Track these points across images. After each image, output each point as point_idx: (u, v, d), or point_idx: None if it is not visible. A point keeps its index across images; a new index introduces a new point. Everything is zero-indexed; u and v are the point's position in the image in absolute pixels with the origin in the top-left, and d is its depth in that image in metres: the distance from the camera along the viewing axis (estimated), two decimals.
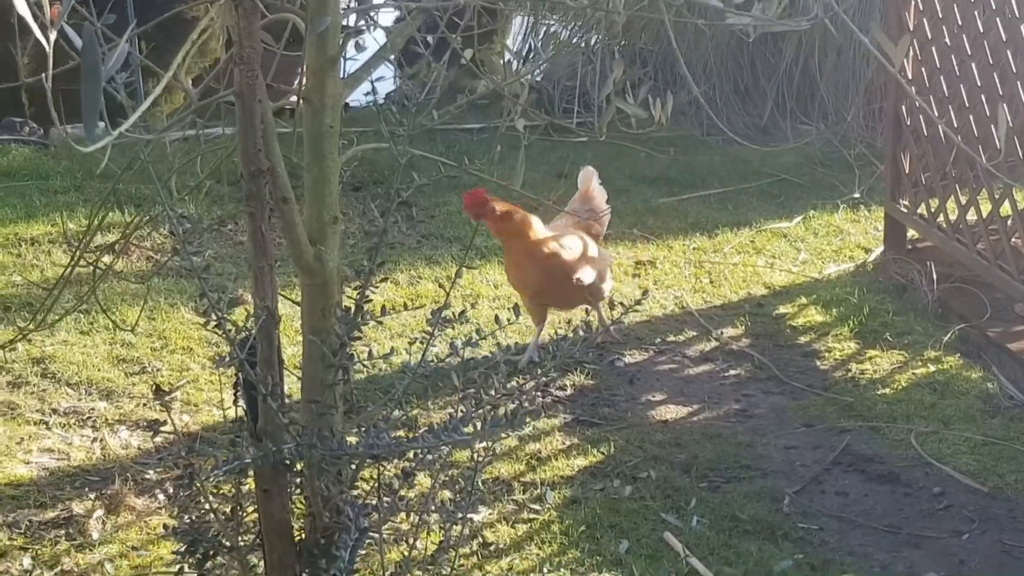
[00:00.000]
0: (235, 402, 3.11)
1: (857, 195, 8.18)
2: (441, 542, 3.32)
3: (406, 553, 3.38)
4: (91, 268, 4.06)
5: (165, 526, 3.22)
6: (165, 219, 3.28)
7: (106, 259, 3.90)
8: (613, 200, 7.89)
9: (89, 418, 5.24)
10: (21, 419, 5.20)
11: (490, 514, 4.58)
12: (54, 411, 5.29)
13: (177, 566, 3.17)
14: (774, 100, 10.00)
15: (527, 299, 5.79)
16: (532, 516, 4.61)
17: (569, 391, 5.61)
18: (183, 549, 3.10)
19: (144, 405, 5.34)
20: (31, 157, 8.33)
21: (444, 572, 3.38)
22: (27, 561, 4.25)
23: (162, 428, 3.08)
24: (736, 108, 9.89)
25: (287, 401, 3.13)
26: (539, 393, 5.34)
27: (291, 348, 5.09)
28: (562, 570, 4.22)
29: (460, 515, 3.28)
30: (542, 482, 4.83)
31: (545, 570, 4.14)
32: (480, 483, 3.47)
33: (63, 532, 4.43)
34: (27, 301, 6.25)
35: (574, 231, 5.93)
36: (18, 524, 4.47)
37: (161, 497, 4.56)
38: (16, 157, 8.28)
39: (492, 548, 4.36)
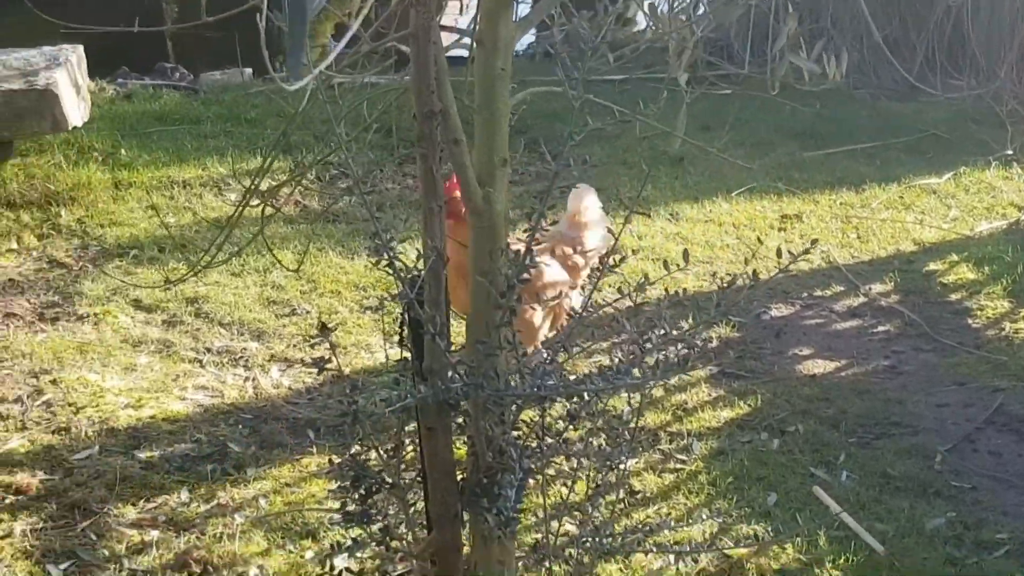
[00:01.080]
0: (400, 343, 3.14)
1: (1010, 152, 8.01)
2: (597, 486, 3.33)
3: (564, 496, 3.40)
4: (255, 210, 4.13)
5: (331, 461, 3.26)
6: (334, 162, 3.31)
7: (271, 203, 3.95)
8: (758, 153, 7.81)
9: (241, 357, 5.34)
10: (176, 357, 5.32)
11: (637, 463, 4.59)
12: (207, 350, 5.40)
13: (339, 501, 3.22)
14: (924, 54, 9.80)
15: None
16: (679, 466, 4.61)
17: (715, 343, 5.58)
18: (348, 484, 3.15)
19: (294, 346, 5.43)
20: (181, 102, 8.49)
21: (596, 517, 3.38)
22: (184, 494, 4.36)
23: (327, 366, 3.12)
24: (884, 61, 9.71)
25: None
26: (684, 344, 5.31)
27: None
28: (710, 520, 4.21)
29: (618, 460, 3.28)
30: (688, 433, 4.82)
31: (702, 518, 4.12)
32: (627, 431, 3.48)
33: (218, 467, 4.53)
34: (180, 243, 6.38)
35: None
36: (175, 458, 4.58)
37: (312, 436, 4.64)
38: (168, 102, 8.45)
39: (639, 496, 4.37)
